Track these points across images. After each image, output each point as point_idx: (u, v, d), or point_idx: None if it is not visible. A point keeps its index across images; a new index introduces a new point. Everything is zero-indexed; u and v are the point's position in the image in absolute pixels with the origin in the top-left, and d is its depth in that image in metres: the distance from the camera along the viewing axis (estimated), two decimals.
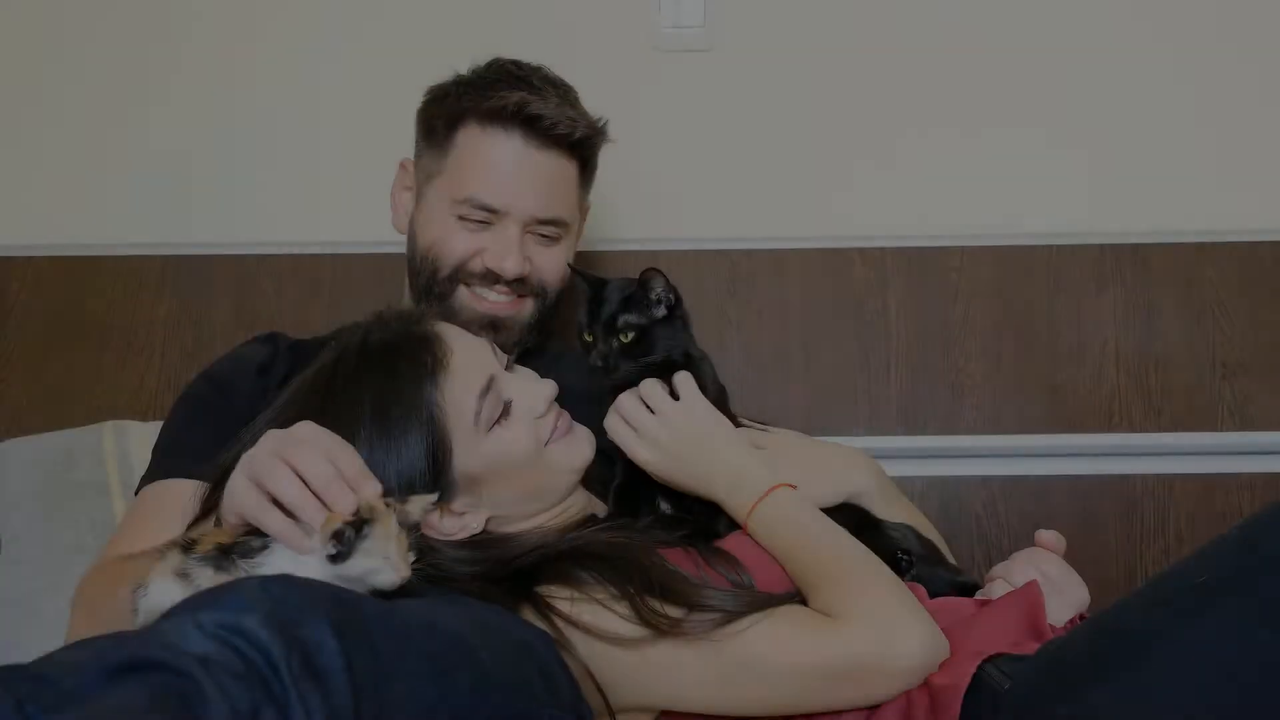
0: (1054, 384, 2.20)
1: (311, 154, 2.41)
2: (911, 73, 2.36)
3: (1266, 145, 2.32)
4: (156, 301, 2.29)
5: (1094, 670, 1.03)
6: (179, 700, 0.78)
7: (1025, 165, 2.32)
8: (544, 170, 1.76)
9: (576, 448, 1.48)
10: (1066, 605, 1.43)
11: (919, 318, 2.24)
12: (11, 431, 2.18)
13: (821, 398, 2.22)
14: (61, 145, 2.44)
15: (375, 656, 0.92)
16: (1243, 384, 2.17)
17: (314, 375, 1.39)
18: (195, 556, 1.15)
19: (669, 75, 2.38)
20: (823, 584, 1.30)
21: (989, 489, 2.17)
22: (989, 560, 2.05)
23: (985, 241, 2.26)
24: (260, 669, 0.83)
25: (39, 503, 1.99)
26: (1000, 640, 1.29)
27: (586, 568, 1.30)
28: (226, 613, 0.85)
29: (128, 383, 2.26)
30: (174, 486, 1.54)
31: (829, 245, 2.27)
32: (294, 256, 2.31)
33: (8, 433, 2.18)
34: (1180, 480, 2.14)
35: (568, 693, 1.18)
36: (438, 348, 1.38)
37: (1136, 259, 2.23)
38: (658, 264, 2.20)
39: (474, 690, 1.02)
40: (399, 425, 1.31)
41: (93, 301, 2.29)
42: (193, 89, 2.43)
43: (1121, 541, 2.13)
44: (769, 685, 1.24)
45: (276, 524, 1.11)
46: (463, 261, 1.76)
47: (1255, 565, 0.95)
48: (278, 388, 1.66)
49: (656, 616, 1.23)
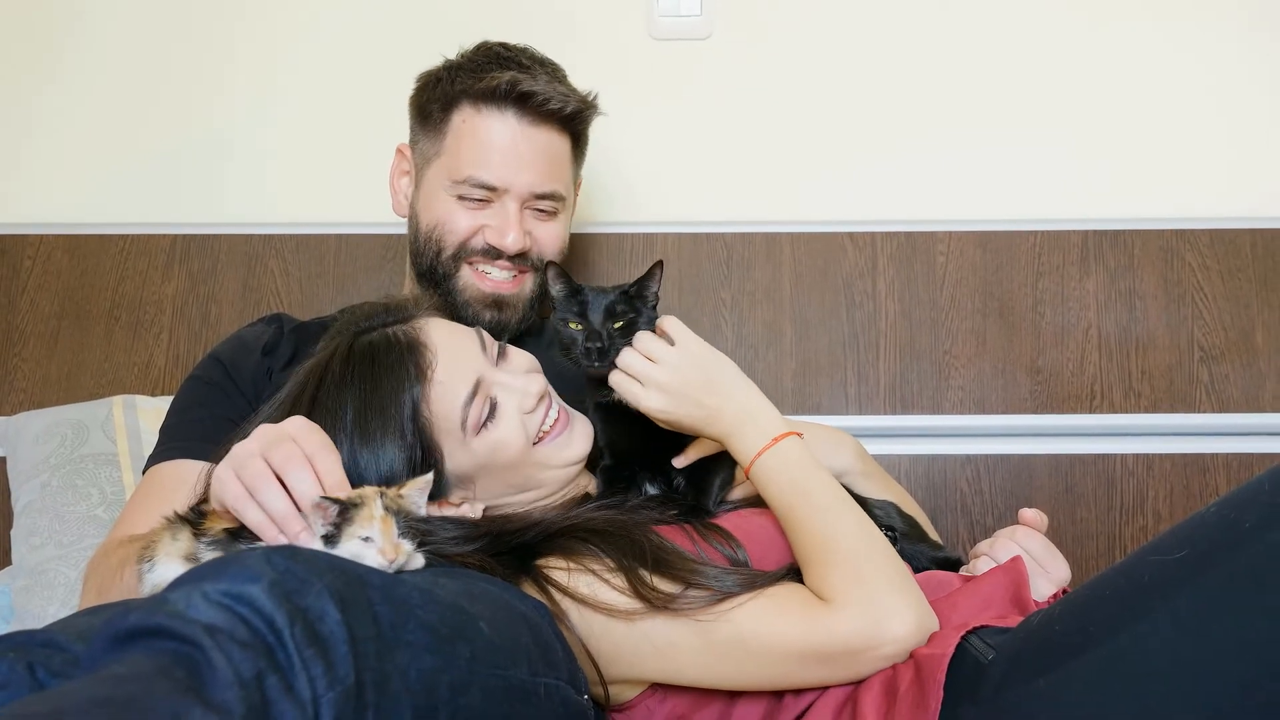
0: (1037, 365, 2.22)
1: (317, 136, 2.44)
2: (903, 62, 2.38)
3: (1247, 134, 2.34)
4: (165, 280, 2.32)
5: (1075, 643, 1.04)
6: (185, 666, 0.79)
7: (1012, 152, 2.35)
8: (539, 146, 1.78)
9: (571, 444, 1.48)
10: (1049, 581, 1.45)
11: (907, 300, 2.26)
12: (25, 405, 2.22)
13: (812, 377, 2.25)
14: (72, 126, 2.46)
15: (377, 626, 0.92)
16: (1220, 367, 2.20)
17: (304, 377, 1.39)
18: (205, 540, 1.19)
19: (666, 63, 2.40)
20: (817, 560, 1.30)
21: (974, 467, 2.19)
22: (973, 536, 2.12)
23: (972, 226, 2.28)
24: (265, 637, 0.83)
25: (51, 474, 2.02)
26: (985, 613, 1.31)
27: (585, 542, 1.31)
28: (232, 582, 0.85)
29: (137, 359, 2.29)
30: (181, 467, 1.58)
31: (821, 229, 2.30)
32: (299, 236, 2.33)
33: (21, 406, 2.22)
34: (1159, 460, 2.17)
35: (564, 663, 1.19)
36: (422, 356, 1.38)
37: (1119, 244, 2.25)
38: (654, 246, 2.27)
39: (473, 659, 1.02)
40: (377, 438, 1.33)
41: (103, 279, 2.32)
42: (202, 71, 2.45)
43: (1102, 519, 2.16)
44: (760, 663, 1.25)
45: (254, 518, 1.15)
46: (465, 239, 1.79)
47: (1233, 540, 0.95)
48: (282, 369, 1.71)
49: (651, 591, 1.24)
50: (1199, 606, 0.95)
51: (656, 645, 1.26)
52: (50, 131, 2.46)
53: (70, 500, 1.98)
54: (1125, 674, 0.97)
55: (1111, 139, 2.35)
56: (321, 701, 0.84)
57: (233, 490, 1.16)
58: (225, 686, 0.79)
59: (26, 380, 2.28)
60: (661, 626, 1.25)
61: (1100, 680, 0.99)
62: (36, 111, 2.47)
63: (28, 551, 1.95)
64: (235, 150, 2.45)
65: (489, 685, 1.03)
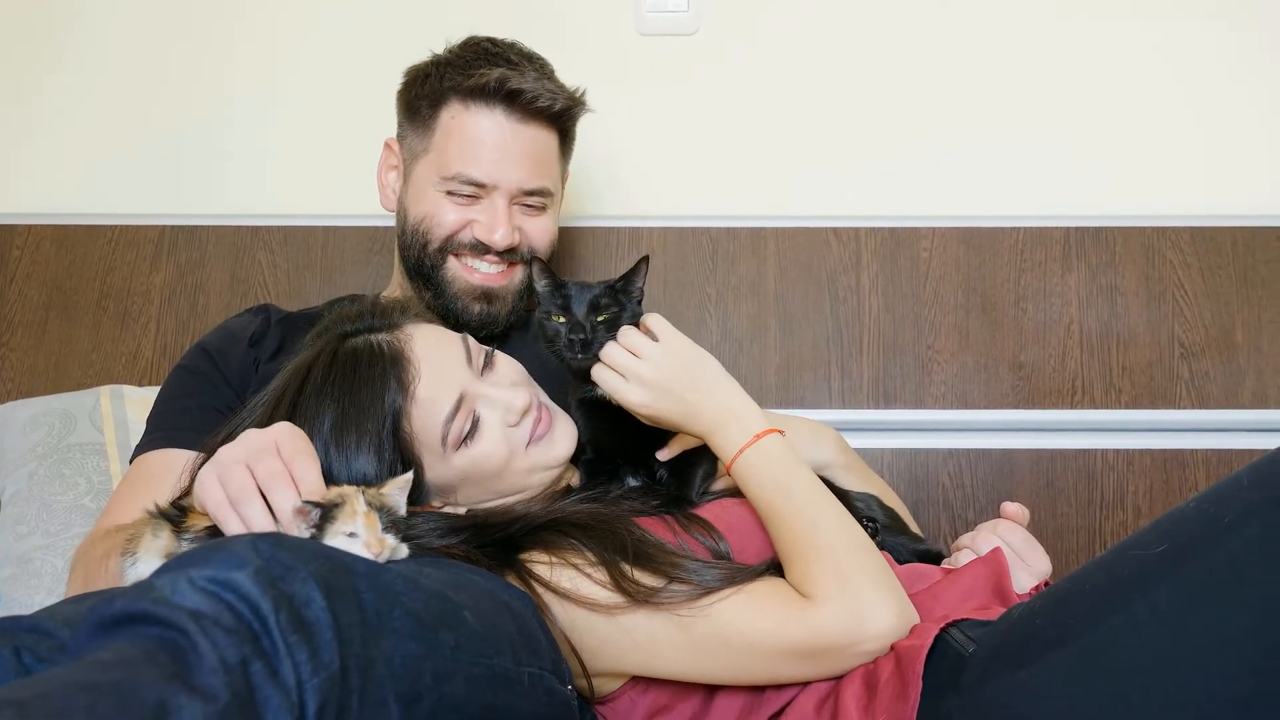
0: (1019, 361, 2.23)
1: (305, 128, 2.44)
2: (889, 60, 2.39)
3: (1227, 134, 2.35)
4: (154, 270, 2.32)
5: (1055, 635, 1.04)
6: (170, 652, 0.79)
7: (995, 150, 2.36)
8: (527, 143, 1.78)
9: (553, 446, 1.48)
10: (1030, 573, 1.46)
11: (891, 295, 2.27)
12: (12, 394, 2.22)
13: (796, 371, 2.25)
14: (61, 117, 2.46)
15: (362, 612, 0.92)
16: (1200, 364, 2.21)
17: (287, 379, 1.39)
18: (187, 537, 1.20)
19: (654, 59, 2.41)
20: (799, 556, 1.30)
21: (956, 461, 2.20)
22: (955, 530, 2.13)
23: (955, 223, 2.29)
24: (250, 623, 0.83)
25: (39, 463, 2.01)
26: (966, 604, 1.32)
27: (567, 536, 1.31)
28: (218, 569, 0.85)
29: (125, 349, 2.29)
30: (168, 456, 1.58)
31: (805, 224, 2.30)
32: (287, 228, 2.33)
33: (8, 395, 2.22)
34: (1139, 455, 2.17)
35: (548, 653, 1.19)
36: (405, 370, 1.37)
37: (1100, 242, 2.26)
38: (640, 240, 2.28)
39: (457, 648, 1.02)
40: (352, 449, 1.32)
41: (91, 270, 2.32)
42: (191, 63, 2.45)
43: (1082, 513, 2.17)
44: (741, 658, 1.26)
45: (234, 529, 1.15)
46: (453, 233, 1.79)
47: (1213, 535, 0.95)
48: (269, 360, 1.72)
49: (633, 585, 1.24)
50: (1178, 600, 0.95)
51: (638, 639, 1.27)
52: (40, 123, 2.46)
53: (57, 490, 1.98)
54: (1105, 667, 0.98)
55: (1094, 138, 2.36)
56: (306, 687, 0.84)
57: (214, 497, 1.17)
58: (210, 672, 0.79)
59: (14, 370, 2.28)
60: (643, 621, 1.26)
61: (1080, 673, 0.99)
62: (26, 103, 2.46)
63: (14, 540, 1.95)
64: (225, 142, 2.44)
65: (473, 673, 1.03)
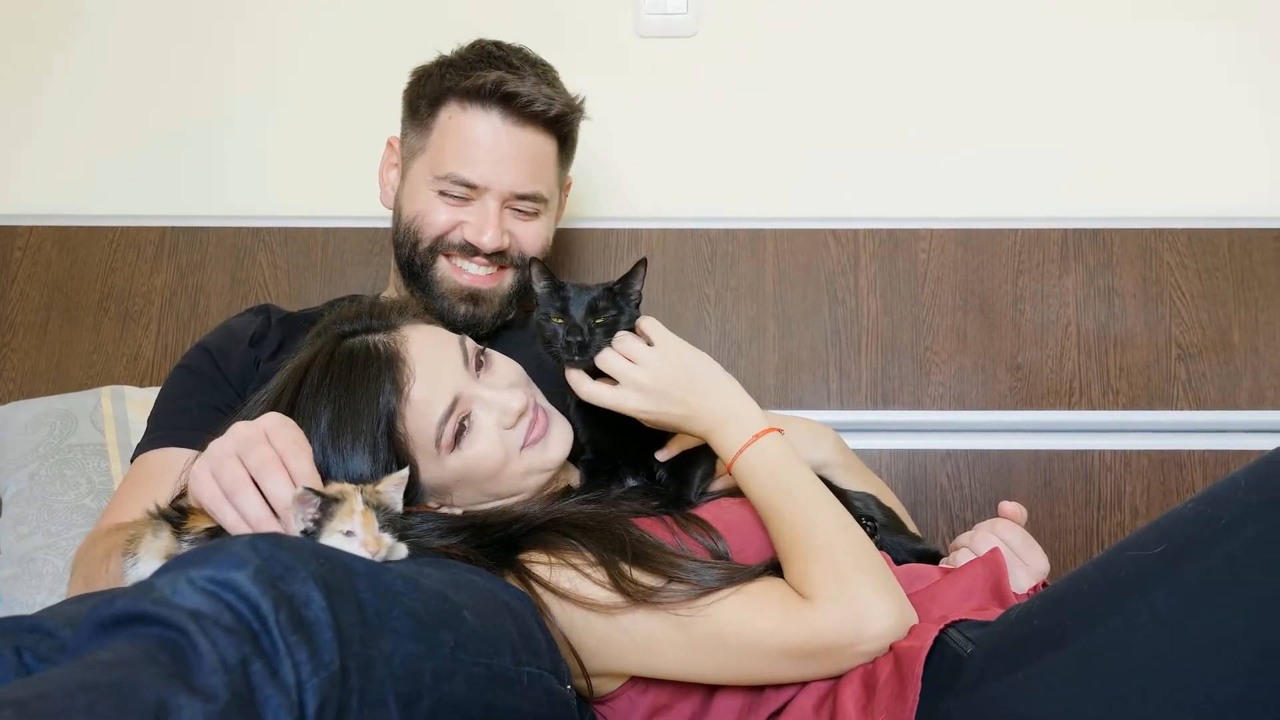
0: (1017, 362, 2.23)
1: (305, 128, 2.44)
2: (887, 62, 2.39)
3: (1225, 136, 2.35)
4: (154, 272, 2.32)
5: (1053, 636, 1.04)
6: (170, 652, 0.79)
7: (993, 152, 2.37)
8: (521, 147, 1.78)
9: (549, 449, 1.47)
10: (1028, 573, 1.47)
11: (889, 297, 2.27)
12: (13, 395, 2.23)
13: (794, 372, 2.25)
14: (61, 117, 2.46)
15: (361, 612, 0.93)
16: (1197, 365, 2.21)
17: (285, 379, 1.39)
18: (187, 539, 1.20)
19: (653, 60, 2.41)
20: (798, 556, 1.30)
21: (954, 462, 2.20)
22: (953, 530, 2.13)
23: (954, 224, 2.29)
24: (250, 623, 0.83)
25: (40, 464, 2.02)
26: (964, 604, 1.33)
27: (566, 536, 1.31)
28: (218, 569, 0.85)
29: (126, 350, 2.29)
30: (168, 455, 1.59)
31: (804, 226, 2.30)
32: (288, 229, 2.34)
33: (10, 396, 2.22)
34: (1136, 456, 2.18)
35: (547, 652, 1.19)
36: (400, 371, 1.37)
37: (1098, 243, 2.26)
38: (639, 242, 2.28)
39: (457, 647, 1.02)
40: (348, 450, 1.32)
41: (92, 271, 2.32)
42: (191, 63, 2.46)
43: (1080, 514, 2.17)
44: (740, 658, 1.26)
45: (230, 520, 1.16)
46: (443, 233, 1.79)
47: (1210, 536, 0.95)
48: (269, 359, 1.72)
49: (632, 585, 1.25)
50: (1175, 601, 0.96)
51: (637, 639, 1.27)
52: (40, 123, 2.46)
53: (58, 490, 1.98)
54: (1103, 668, 0.98)
55: (1092, 139, 2.36)
56: (306, 687, 0.84)
57: (209, 491, 1.18)
58: (210, 672, 0.79)
59: (15, 370, 2.28)
60: (642, 621, 1.26)
61: (1078, 673, 1.00)
62: (26, 103, 2.46)
63: (15, 541, 1.95)
64: (225, 143, 2.45)
65: (472, 673, 1.03)
